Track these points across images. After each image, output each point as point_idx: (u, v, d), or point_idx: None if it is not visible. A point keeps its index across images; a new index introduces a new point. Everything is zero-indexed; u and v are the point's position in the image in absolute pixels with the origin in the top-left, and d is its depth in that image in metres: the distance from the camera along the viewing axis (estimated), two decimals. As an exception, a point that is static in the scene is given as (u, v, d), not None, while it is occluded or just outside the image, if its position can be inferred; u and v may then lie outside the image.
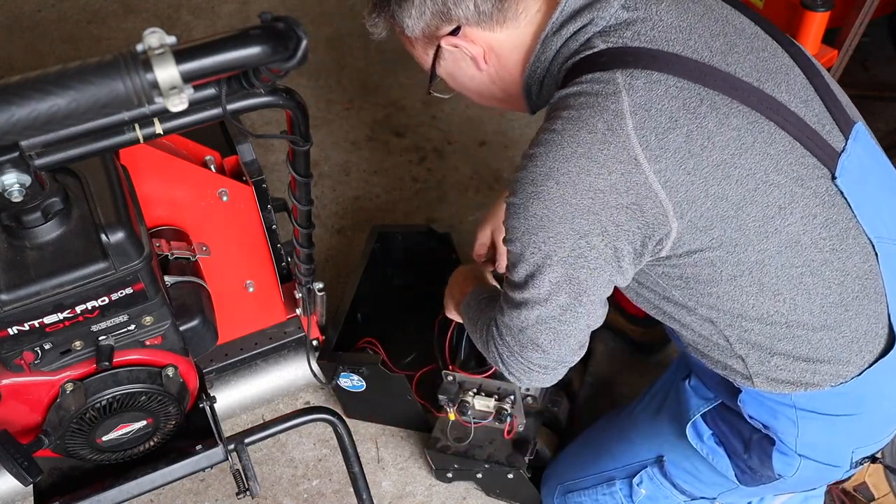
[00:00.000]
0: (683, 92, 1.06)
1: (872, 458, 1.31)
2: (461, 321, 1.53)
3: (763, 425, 1.25)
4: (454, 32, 1.16)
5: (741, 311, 1.14)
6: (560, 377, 1.26)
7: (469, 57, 1.19)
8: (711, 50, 1.10)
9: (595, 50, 1.10)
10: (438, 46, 1.19)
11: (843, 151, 1.15)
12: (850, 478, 1.60)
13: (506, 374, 1.27)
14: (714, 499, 1.45)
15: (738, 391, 1.25)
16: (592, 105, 1.05)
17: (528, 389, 1.71)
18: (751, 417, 1.25)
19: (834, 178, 1.14)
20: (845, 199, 1.14)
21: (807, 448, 1.24)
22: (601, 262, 1.09)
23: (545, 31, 1.14)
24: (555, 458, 1.72)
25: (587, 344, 1.23)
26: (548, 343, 1.18)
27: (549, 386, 1.71)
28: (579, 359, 1.24)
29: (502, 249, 1.64)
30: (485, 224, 1.65)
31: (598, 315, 1.18)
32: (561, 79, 1.15)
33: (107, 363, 1.13)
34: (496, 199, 1.67)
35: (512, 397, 1.63)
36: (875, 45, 2.53)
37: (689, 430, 1.36)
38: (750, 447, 1.28)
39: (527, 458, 1.65)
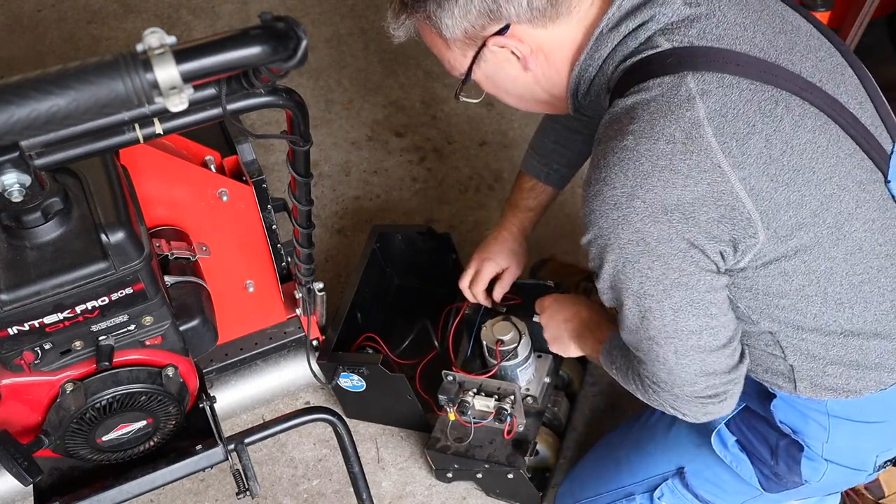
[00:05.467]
0: (757, 94, 1.00)
1: (895, 461, 1.30)
2: (580, 354, 1.46)
3: (792, 430, 1.23)
4: (501, 31, 1.07)
5: (802, 322, 1.11)
6: (737, 393, 1.17)
7: (516, 57, 1.11)
8: (776, 48, 1.04)
9: (659, 49, 1.03)
10: (480, 47, 1.10)
11: (892, 153, 1.12)
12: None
13: (689, 419, 1.21)
14: None
15: (772, 396, 1.22)
16: (666, 114, 0.98)
17: (528, 389, 1.71)
18: (781, 423, 1.23)
19: (887, 181, 1.11)
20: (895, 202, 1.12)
21: (834, 453, 1.22)
22: (711, 274, 1.04)
23: (599, 28, 1.06)
24: (569, 472, 1.70)
25: (739, 346, 1.14)
26: (697, 373, 1.11)
27: (545, 391, 1.73)
28: (746, 364, 1.15)
29: (504, 280, 1.67)
30: (479, 255, 1.67)
31: (730, 319, 1.10)
32: (617, 79, 1.08)
33: (107, 363, 1.13)
34: (491, 232, 1.69)
35: (512, 397, 1.63)
36: (875, 45, 2.52)
37: (713, 439, 1.32)
38: (777, 453, 1.26)
39: (527, 458, 1.65)
